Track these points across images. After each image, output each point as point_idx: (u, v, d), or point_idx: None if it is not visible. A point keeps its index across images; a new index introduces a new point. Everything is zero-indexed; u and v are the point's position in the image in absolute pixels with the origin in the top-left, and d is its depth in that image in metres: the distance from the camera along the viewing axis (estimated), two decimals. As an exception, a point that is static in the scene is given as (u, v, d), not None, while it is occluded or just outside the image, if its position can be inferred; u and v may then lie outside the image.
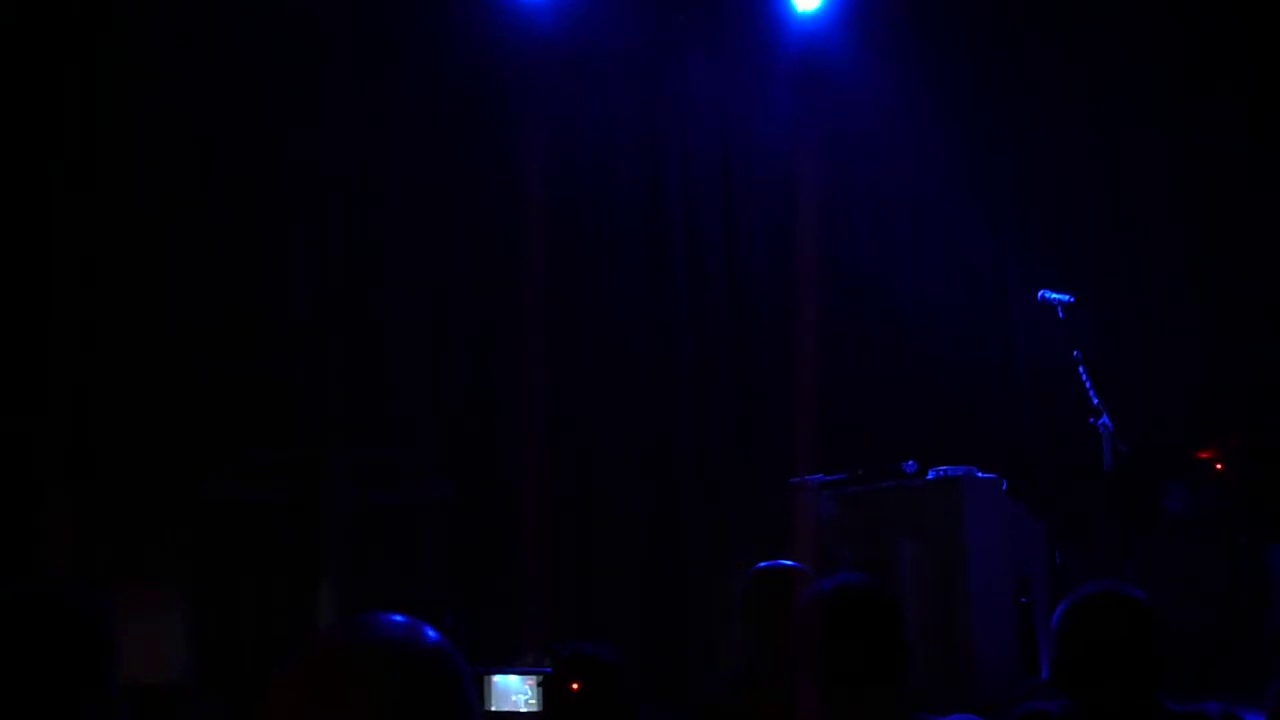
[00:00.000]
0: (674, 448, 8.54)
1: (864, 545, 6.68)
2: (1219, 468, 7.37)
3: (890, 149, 9.08)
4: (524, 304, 8.08)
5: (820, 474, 7.06)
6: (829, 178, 8.81)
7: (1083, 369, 6.59)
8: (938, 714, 2.80)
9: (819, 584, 2.81)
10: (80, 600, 2.47)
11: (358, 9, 8.09)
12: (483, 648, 6.53)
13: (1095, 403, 6.53)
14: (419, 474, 7.03)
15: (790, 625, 2.85)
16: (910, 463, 6.65)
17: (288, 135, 7.78)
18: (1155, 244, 8.73)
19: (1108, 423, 6.50)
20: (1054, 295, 6.80)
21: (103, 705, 2.47)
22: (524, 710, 4.64)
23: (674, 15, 8.81)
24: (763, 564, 3.87)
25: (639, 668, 6.98)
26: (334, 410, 7.52)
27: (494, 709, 4.67)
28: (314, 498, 6.64)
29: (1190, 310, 8.59)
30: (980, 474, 6.56)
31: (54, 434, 6.86)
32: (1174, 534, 7.43)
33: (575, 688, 3.45)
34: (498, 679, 4.71)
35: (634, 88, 8.82)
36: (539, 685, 4.63)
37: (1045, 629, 6.15)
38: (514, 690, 4.67)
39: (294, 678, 1.38)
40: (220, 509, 6.58)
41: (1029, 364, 8.71)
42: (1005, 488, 6.60)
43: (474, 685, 1.44)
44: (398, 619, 1.44)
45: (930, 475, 6.58)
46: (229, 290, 7.54)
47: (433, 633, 1.44)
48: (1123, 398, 6.83)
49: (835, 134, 8.91)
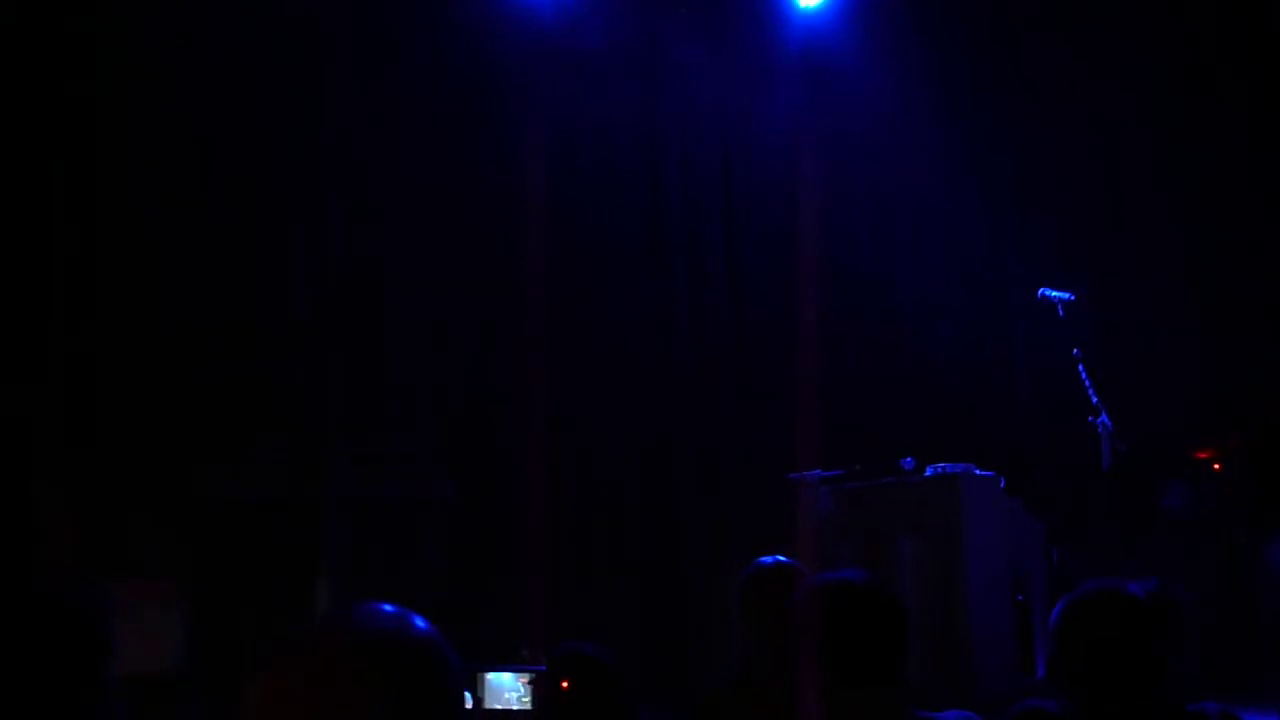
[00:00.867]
0: (674, 446, 8.54)
1: (862, 542, 6.69)
2: (1217, 467, 7.36)
3: (890, 148, 9.08)
4: (524, 303, 8.07)
5: (819, 470, 7.07)
6: (829, 176, 8.79)
7: (1082, 367, 6.59)
8: (935, 711, 2.80)
9: (818, 580, 2.80)
10: (79, 597, 2.48)
11: (358, 9, 8.09)
12: (482, 646, 6.52)
13: (1095, 401, 6.53)
14: (418, 471, 7.03)
15: (789, 622, 2.85)
16: (909, 460, 6.66)
17: (288, 135, 7.77)
18: (1155, 243, 8.72)
19: (1107, 421, 6.50)
20: (1054, 293, 6.80)
21: (100, 700, 2.48)
22: (516, 708, 4.64)
23: (674, 13, 8.80)
24: (760, 561, 3.85)
25: (638, 666, 6.98)
26: (333, 407, 7.51)
27: (488, 707, 4.67)
28: (313, 494, 6.64)
29: (1190, 309, 8.59)
30: (979, 471, 6.57)
31: (51, 429, 6.86)
32: (1172, 533, 7.43)
33: (565, 686, 3.46)
34: (491, 676, 4.70)
35: (634, 87, 8.81)
36: (531, 684, 4.63)
37: (1043, 627, 6.16)
38: (507, 688, 4.67)
39: (280, 666, 1.38)
40: (219, 505, 6.59)
41: (1028, 362, 8.71)
42: (1003, 485, 6.61)
43: (464, 677, 1.44)
44: (387, 608, 1.44)
45: (928, 472, 6.59)
46: (229, 288, 7.55)
47: (422, 622, 1.44)
48: (1122, 396, 6.83)
49: (835, 133, 8.90)
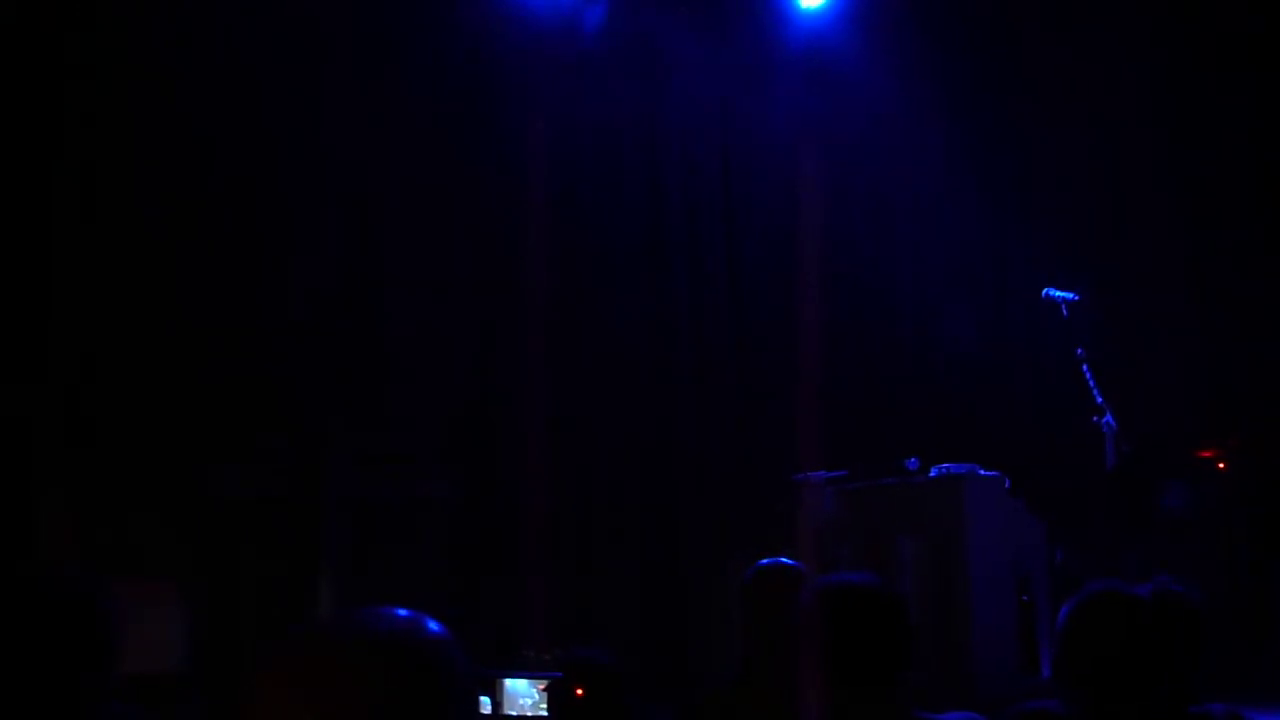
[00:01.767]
0: (674, 446, 8.53)
1: (865, 542, 6.68)
2: (1221, 467, 7.35)
3: (892, 147, 9.06)
4: (524, 303, 8.06)
5: (823, 471, 7.06)
6: (830, 177, 8.78)
7: (1085, 367, 6.58)
8: (937, 713, 2.79)
9: (822, 581, 2.79)
10: (86, 597, 2.47)
11: (358, 9, 8.07)
12: (483, 645, 6.51)
13: (1098, 401, 6.52)
14: (419, 470, 7.02)
15: (791, 623, 2.83)
16: (912, 460, 6.65)
17: (289, 135, 7.76)
18: (1157, 242, 8.71)
19: (1111, 422, 6.49)
20: (1057, 293, 6.80)
21: (104, 697, 2.47)
22: (530, 714, 4.65)
23: (675, 14, 8.78)
24: (762, 562, 3.84)
25: (638, 666, 6.97)
26: (334, 406, 7.50)
27: (506, 712, 4.69)
28: (314, 493, 6.63)
29: (1192, 308, 8.58)
30: (983, 472, 6.55)
31: (53, 425, 6.85)
32: (1175, 533, 7.41)
33: (580, 693, 3.46)
34: (509, 683, 4.72)
35: (635, 87, 8.80)
36: (545, 690, 4.64)
37: (1047, 627, 6.14)
38: (521, 694, 4.69)
39: (292, 666, 1.37)
40: (220, 502, 6.58)
41: (1031, 362, 8.69)
42: (1007, 486, 6.59)
43: (476, 680, 1.43)
44: (400, 611, 1.43)
45: (932, 473, 6.58)
46: (230, 287, 7.53)
47: (435, 625, 1.43)
48: (1125, 396, 6.82)
49: (836, 133, 8.88)
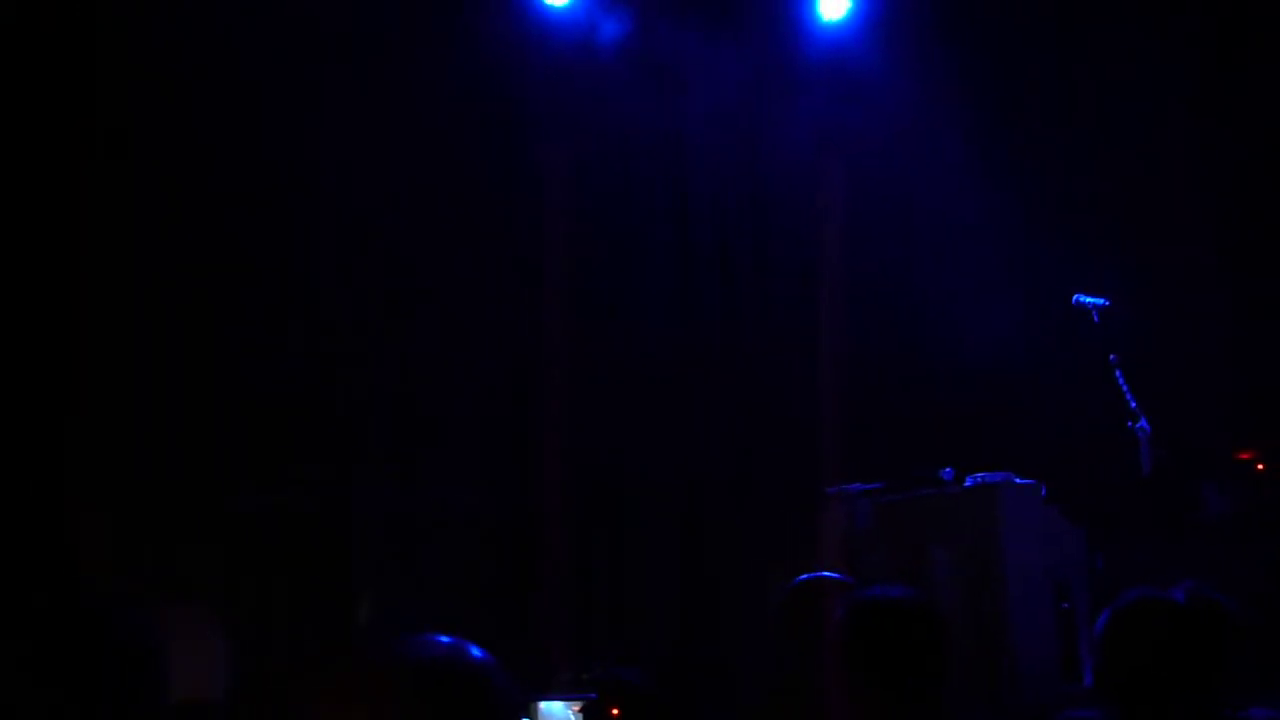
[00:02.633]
0: (707, 460, 8.52)
1: (902, 554, 6.64)
2: (1260, 468, 7.29)
3: (917, 155, 9.03)
4: (553, 317, 8.07)
5: (858, 483, 7.03)
6: (857, 187, 8.76)
7: (1119, 373, 6.54)
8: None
9: (858, 596, 2.78)
10: (128, 621, 2.47)
11: (384, 19, 8.09)
12: (518, 665, 6.51)
13: (1133, 406, 6.48)
14: (454, 489, 7.03)
15: (830, 638, 2.82)
16: (948, 470, 6.61)
17: (315, 156, 7.79)
18: (1191, 244, 8.65)
19: (1146, 426, 6.45)
20: (1088, 299, 6.76)
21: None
22: None
23: (697, 27, 8.79)
24: (803, 576, 3.83)
25: (672, 682, 6.95)
26: (369, 425, 7.52)
27: None
28: (348, 513, 6.65)
29: (1227, 309, 8.52)
30: (1018, 480, 6.51)
31: (87, 450, 6.87)
32: (1216, 536, 7.35)
33: (615, 713, 3.46)
34: (544, 705, 4.72)
35: (661, 97, 8.80)
36: (581, 712, 4.63)
37: (1087, 635, 6.10)
38: (558, 716, 4.68)
39: (336, 694, 1.37)
40: (255, 525, 6.59)
41: (1064, 368, 8.63)
42: (1044, 494, 6.55)
43: (519, 706, 1.43)
44: (442, 638, 1.43)
45: (968, 483, 6.54)
46: (262, 305, 7.56)
47: (478, 651, 1.43)
48: (1161, 400, 6.77)
49: (861, 143, 8.87)
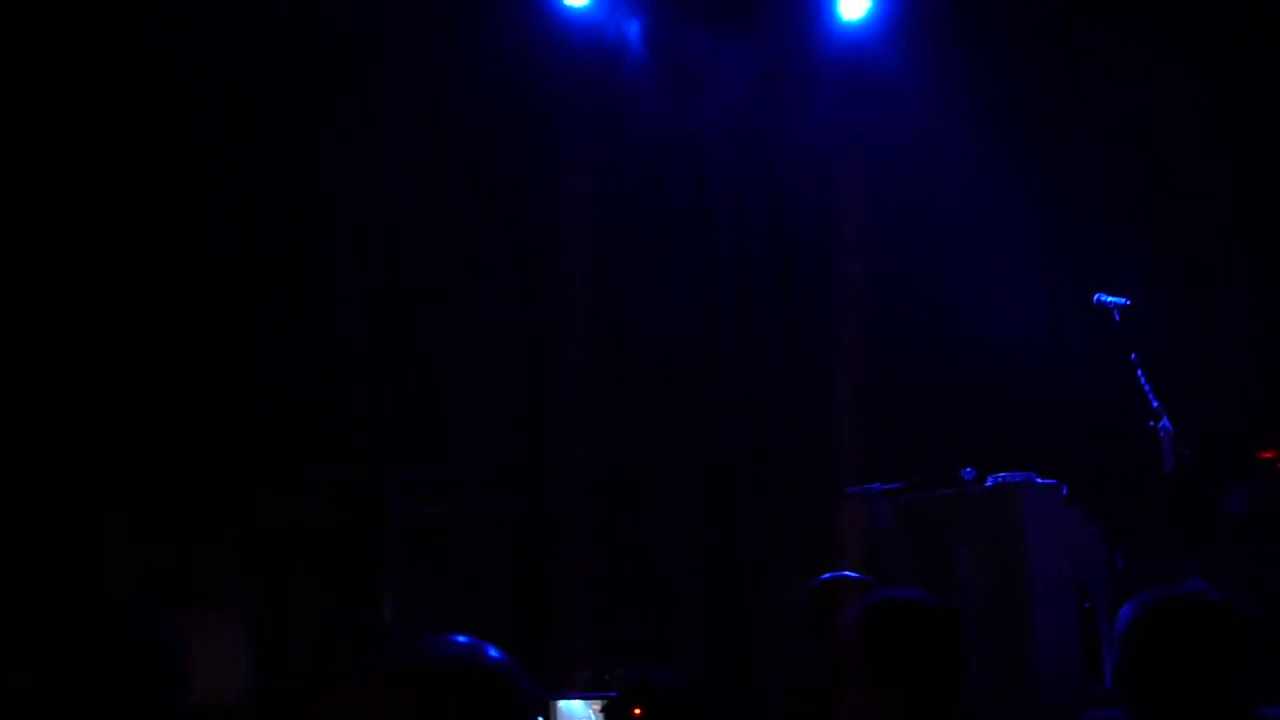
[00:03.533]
0: (728, 460, 8.53)
1: (922, 554, 6.64)
2: (1282, 467, 7.27)
3: (938, 154, 9.01)
4: (574, 321, 8.09)
5: (878, 483, 7.03)
6: (877, 186, 8.75)
7: (1140, 372, 6.53)
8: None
9: (872, 598, 2.79)
10: (150, 625, 2.50)
11: (408, 29, 8.13)
12: (545, 665, 6.53)
13: (1155, 405, 6.46)
14: (475, 490, 7.05)
15: (848, 639, 2.84)
16: (969, 470, 6.61)
17: (336, 162, 7.82)
18: (1213, 243, 8.62)
19: (1168, 425, 6.43)
20: (1109, 298, 6.75)
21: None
22: None
23: (716, 29, 8.79)
24: (825, 575, 3.84)
25: (700, 683, 6.97)
26: (389, 427, 7.54)
27: None
28: (371, 517, 6.67)
29: (1249, 309, 8.49)
30: (1040, 480, 6.51)
31: (108, 453, 6.88)
32: (1236, 536, 7.33)
33: (638, 713, 3.46)
34: (563, 704, 4.73)
35: (681, 97, 8.81)
36: (602, 711, 4.64)
37: (1108, 634, 6.09)
38: (578, 716, 4.69)
39: (354, 697, 1.39)
40: (278, 531, 6.62)
41: (1086, 368, 8.62)
42: (1065, 493, 6.54)
43: (537, 706, 1.45)
44: (459, 638, 1.45)
45: (989, 482, 6.54)
46: (284, 313, 7.58)
47: (495, 652, 1.45)
48: (1182, 399, 6.76)
49: (881, 142, 8.85)
